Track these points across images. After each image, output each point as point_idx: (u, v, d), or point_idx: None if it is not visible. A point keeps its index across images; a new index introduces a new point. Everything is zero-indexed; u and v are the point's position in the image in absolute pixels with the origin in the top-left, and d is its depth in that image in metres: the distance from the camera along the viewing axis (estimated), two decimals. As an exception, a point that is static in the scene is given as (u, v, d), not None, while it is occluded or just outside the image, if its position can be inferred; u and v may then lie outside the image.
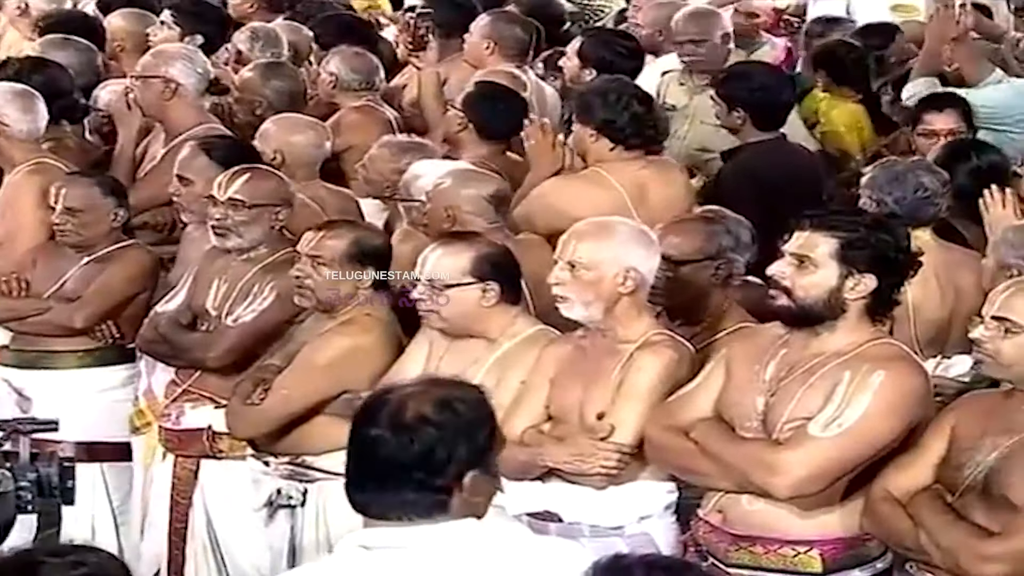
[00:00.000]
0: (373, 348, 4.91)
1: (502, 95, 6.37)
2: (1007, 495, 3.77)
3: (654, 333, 4.41)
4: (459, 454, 2.90)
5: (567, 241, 4.46)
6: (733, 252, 4.81)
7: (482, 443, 2.92)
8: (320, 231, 5.03)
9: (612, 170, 5.77)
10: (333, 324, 4.97)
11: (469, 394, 2.97)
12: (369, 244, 4.99)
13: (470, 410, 2.93)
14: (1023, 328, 3.83)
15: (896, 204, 5.20)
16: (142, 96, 6.30)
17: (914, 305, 5.04)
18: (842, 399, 3.98)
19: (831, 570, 4.08)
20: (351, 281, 4.94)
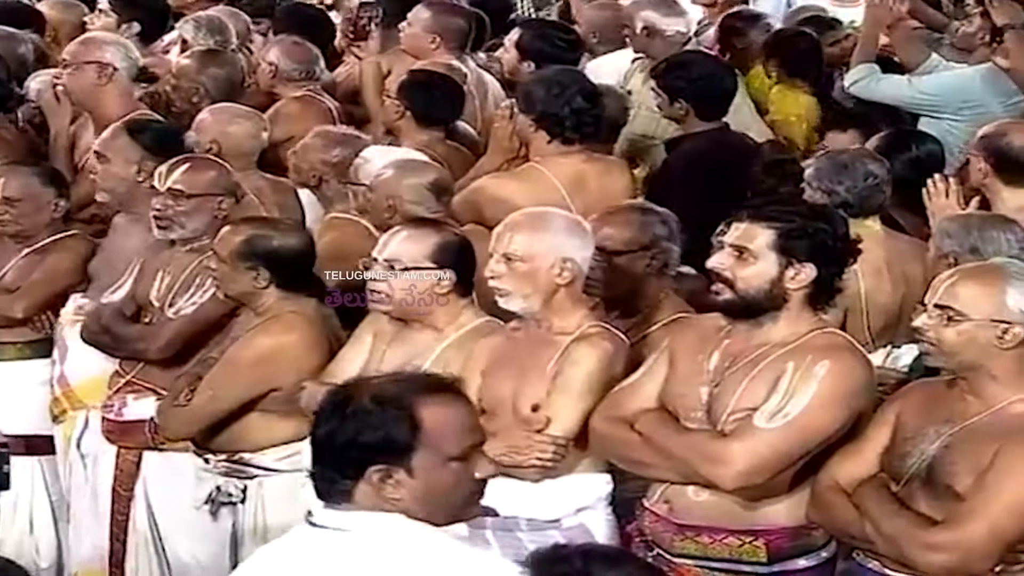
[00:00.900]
0: (298, 346, 4.89)
1: (438, 81, 6.38)
2: (950, 484, 3.77)
3: (590, 325, 4.40)
4: (359, 446, 2.93)
5: (502, 233, 4.45)
6: (667, 242, 4.82)
7: (389, 440, 2.92)
8: (226, 226, 5.04)
9: (549, 165, 5.75)
10: (259, 322, 4.95)
11: (392, 390, 2.96)
12: (263, 244, 4.92)
13: (383, 404, 2.94)
14: (965, 316, 3.84)
15: (847, 193, 5.23)
16: (75, 84, 6.24)
17: (866, 295, 5.10)
18: (786, 390, 3.99)
19: (776, 559, 4.09)
20: (247, 278, 4.92)
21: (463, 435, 2.97)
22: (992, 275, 3.91)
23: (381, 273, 4.66)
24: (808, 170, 5.34)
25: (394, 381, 3.01)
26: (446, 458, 2.95)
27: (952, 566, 3.75)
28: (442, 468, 2.94)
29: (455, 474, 2.95)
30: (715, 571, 4.12)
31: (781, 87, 7.53)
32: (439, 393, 2.98)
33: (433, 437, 2.93)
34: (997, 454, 3.73)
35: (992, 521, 3.71)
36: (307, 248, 5.03)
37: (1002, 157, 5.43)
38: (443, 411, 2.96)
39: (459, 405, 3.01)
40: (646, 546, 4.21)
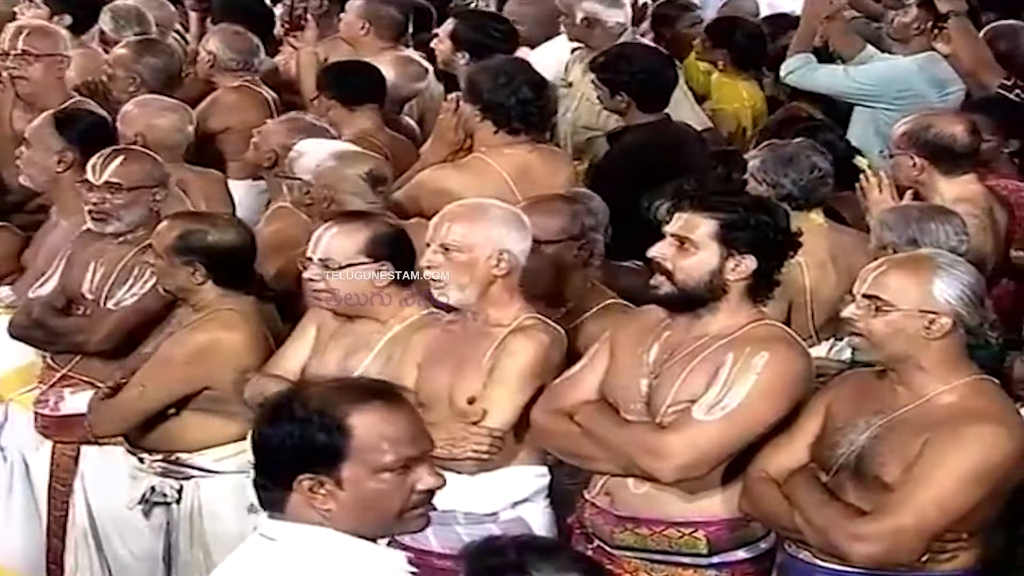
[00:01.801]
0: (234, 344, 4.87)
1: (352, 65, 6.43)
2: (879, 475, 3.80)
3: (526, 317, 4.40)
4: (288, 453, 2.88)
5: (439, 224, 4.45)
6: (595, 232, 4.84)
7: (316, 448, 2.86)
8: (163, 220, 5.02)
9: (495, 156, 5.76)
10: (196, 318, 4.94)
11: (326, 397, 2.89)
12: (199, 239, 4.91)
13: (313, 412, 2.87)
14: (893, 306, 3.86)
15: (793, 186, 5.27)
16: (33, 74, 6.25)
17: (811, 288, 5.13)
18: (725, 382, 4.01)
19: (716, 551, 4.11)
20: (184, 274, 4.92)
21: (398, 446, 2.88)
22: (920, 265, 3.94)
23: (317, 272, 4.65)
24: (752, 162, 5.37)
25: (333, 388, 2.94)
26: (378, 469, 2.87)
27: (879, 556, 3.78)
28: (373, 479, 2.87)
29: (389, 486, 2.87)
30: (655, 563, 4.14)
31: (723, 76, 7.57)
32: (377, 401, 2.89)
33: (363, 448, 2.85)
34: (925, 445, 3.76)
35: (919, 512, 3.74)
36: (245, 244, 5.00)
37: (935, 148, 5.46)
38: (377, 421, 2.88)
39: (398, 415, 2.91)
40: (586, 538, 4.24)
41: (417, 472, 2.90)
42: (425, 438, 2.94)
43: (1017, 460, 3.81)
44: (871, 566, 3.81)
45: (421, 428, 2.96)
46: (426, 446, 2.94)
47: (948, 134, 5.46)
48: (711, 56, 7.68)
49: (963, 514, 3.77)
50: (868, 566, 3.81)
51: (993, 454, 3.76)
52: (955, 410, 3.81)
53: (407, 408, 2.96)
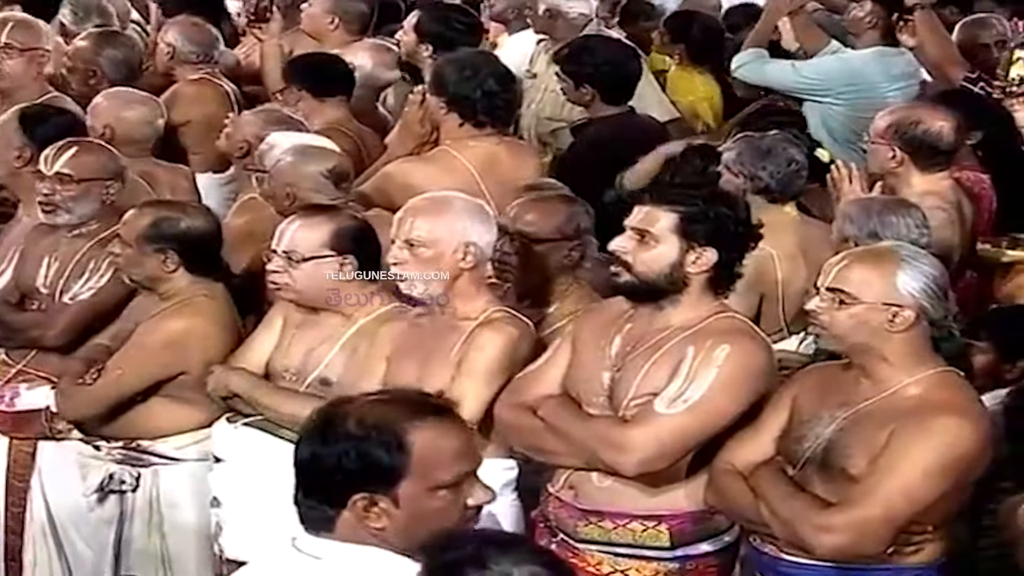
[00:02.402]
0: (208, 330, 4.88)
1: (320, 57, 6.41)
2: (845, 467, 3.81)
3: (495, 310, 4.41)
4: (343, 473, 2.82)
5: (403, 219, 4.45)
6: (589, 235, 4.83)
7: (375, 467, 2.80)
8: (132, 209, 5.00)
9: (460, 148, 5.75)
10: (167, 305, 4.93)
11: (379, 412, 2.84)
12: (171, 226, 4.91)
13: (369, 429, 2.81)
14: (856, 299, 3.85)
15: (770, 178, 5.27)
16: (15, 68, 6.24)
17: (783, 281, 5.13)
18: (687, 375, 4.02)
19: (679, 544, 4.12)
20: (154, 262, 4.91)
21: (455, 462, 2.83)
22: (883, 258, 3.94)
23: (280, 264, 4.65)
24: (728, 154, 5.37)
25: (383, 402, 2.88)
26: (435, 486, 2.82)
27: (846, 548, 3.78)
28: (430, 497, 2.82)
29: (444, 503, 2.83)
30: (619, 556, 4.14)
31: (680, 70, 7.57)
32: (430, 416, 2.84)
33: (422, 464, 2.80)
34: (891, 437, 3.76)
35: (886, 504, 3.74)
36: (214, 231, 5.01)
37: (919, 145, 5.45)
38: (434, 436, 2.83)
39: (452, 429, 2.86)
40: (550, 532, 4.24)
41: (468, 487, 2.86)
42: (475, 452, 2.90)
43: (981, 452, 3.82)
44: (837, 558, 3.81)
45: (472, 442, 2.92)
46: (477, 460, 2.89)
47: (935, 131, 5.46)
48: (669, 50, 7.72)
49: (929, 505, 3.78)
50: (834, 558, 3.81)
51: (958, 446, 3.77)
52: (920, 402, 3.81)
53: (459, 422, 2.92)
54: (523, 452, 4.35)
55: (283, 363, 4.73)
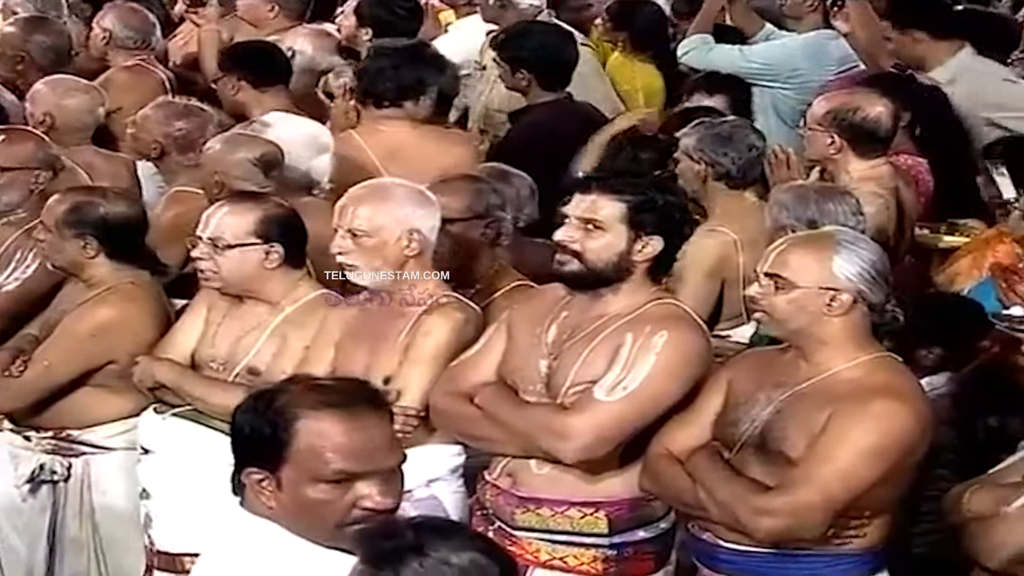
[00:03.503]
0: (137, 317, 4.84)
1: (259, 45, 6.34)
2: (782, 449, 3.80)
3: (441, 295, 4.41)
4: (238, 443, 2.84)
5: (345, 208, 4.44)
6: (501, 211, 4.82)
7: (259, 446, 2.79)
8: (54, 195, 4.95)
9: (367, 134, 5.71)
10: (93, 293, 4.88)
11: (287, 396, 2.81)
12: (90, 211, 4.85)
13: (266, 408, 2.81)
14: (794, 284, 3.85)
15: (732, 164, 5.26)
16: None
17: (744, 266, 5.09)
18: (626, 361, 4.01)
19: (617, 531, 4.10)
20: (75, 247, 4.85)
21: (339, 459, 2.75)
22: (821, 243, 3.94)
23: (205, 251, 4.63)
24: (687, 140, 5.34)
25: (307, 387, 2.83)
26: (314, 477, 2.77)
27: (784, 531, 3.77)
28: (310, 487, 2.77)
29: (326, 496, 2.76)
30: (556, 544, 4.12)
31: (621, 57, 7.52)
32: (335, 409, 2.77)
33: (303, 453, 2.76)
34: (830, 420, 3.75)
35: (824, 487, 3.73)
36: (138, 217, 4.96)
37: (858, 131, 5.45)
38: (325, 429, 2.76)
39: (353, 426, 2.76)
40: (486, 520, 4.23)
41: (360, 488, 2.77)
42: (382, 456, 2.79)
43: (920, 436, 3.82)
44: (775, 541, 3.81)
45: (379, 445, 2.80)
46: (379, 464, 2.78)
47: (874, 118, 5.46)
48: (612, 37, 7.65)
49: (866, 489, 3.77)
50: (772, 541, 3.81)
51: (896, 429, 3.76)
52: (859, 385, 3.81)
53: (370, 421, 2.80)
54: (460, 440, 4.33)
55: (209, 353, 4.70)
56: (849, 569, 3.84)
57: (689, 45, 7.07)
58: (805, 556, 3.81)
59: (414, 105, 5.77)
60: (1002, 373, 4.52)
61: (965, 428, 4.48)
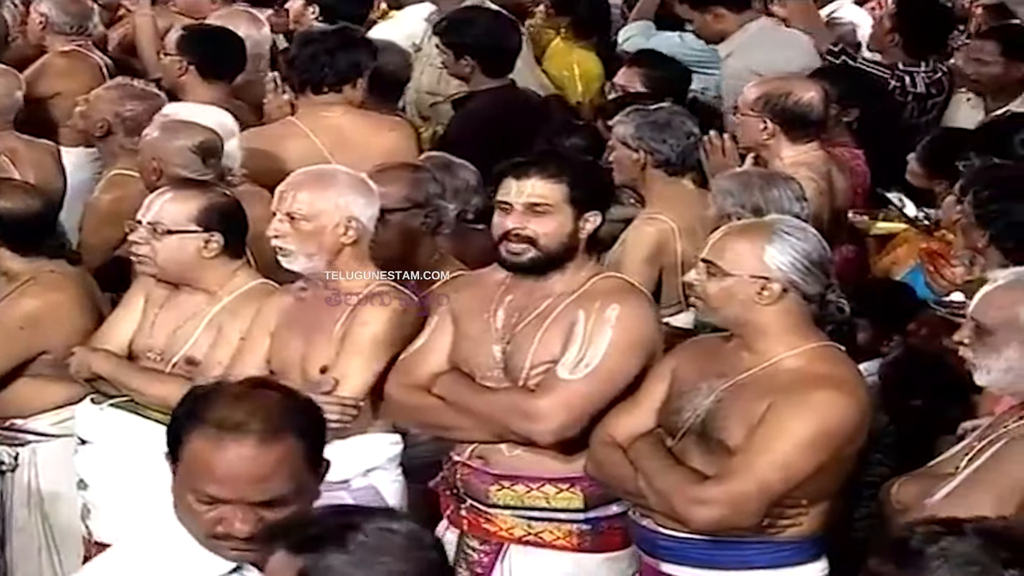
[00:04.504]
0: (65, 306, 4.80)
1: (219, 34, 6.22)
2: (723, 438, 3.77)
3: (378, 284, 4.35)
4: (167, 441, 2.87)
5: (284, 192, 4.38)
6: (441, 199, 4.78)
7: (169, 440, 2.81)
8: None
9: (306, 119, 5.65)
10: (15, 286, 4.81)
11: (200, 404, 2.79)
12: None
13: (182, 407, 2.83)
14: (726, 272, 3.82)
15: (672, 151, 5.23)
16: None
17: (682, 253, 5.07)
18: (583, 338, 4.01)
19: (592, 506, 4.10)
20: None
21: (209, 482, 2.72)
22: (756, 232, 3.90)
23: (144, 236, 4.56)
24: (623, 129, 5.29)
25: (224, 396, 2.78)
26: (189, 487, 2.76)
27: (720, 521, 3.74)
28: (186, 494, 2.77)
29: (195, 507, 2.75)
30: (532, 520, 4.11)
31: (561, 43, 7.47)
32: (223, 432, 2.71)
33: (186, 463, 2.77)
34: (769, 409, 3.72)
35: (760, 477, 3.70)
36: (38, 209, 4.87)
37: (789, 115, 5.44)
38: (204, 447, 2.72)
39: (230, 451, 2.70)
40: (456, 499, 4.19)
41: (224, 511, 2.73)
42: (251, 489, 2.70)
43: (858, 427, 3.79)
44: (712, 530, 3.78)
45: (250, 477, 2.71)
46: (244, 495, 2.71)
47: (805, 102, 5.44)
48: (554, 23, 7.60)
49: (804, 479, 3.73)
50: (709, 530, 3.78)
51: (835, 420, 3.73)
52: (799, 375, 3.78)
53: (251, 453, 2.71)
54: (421, 431, 4.30)
55: (147, 343, 4.65)
56: (787, 557, 3.82)
57: (630, 31, 7.05)
58: (743, 544, 3.78)
59: (352, 89, 5.71)
60: (929, 357, 4.51)
61: (897, 413, 4.49)
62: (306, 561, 2.31)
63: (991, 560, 2.35)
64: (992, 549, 2.36)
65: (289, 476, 2.69)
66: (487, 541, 4.11)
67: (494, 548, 4.11)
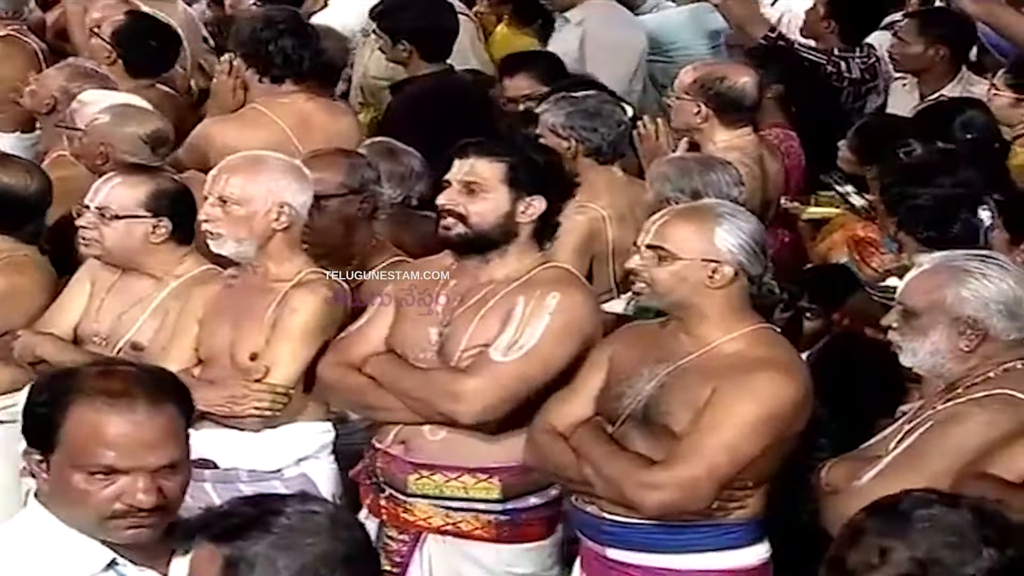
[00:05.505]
0: (28, 287, 4.77)
1: (154, 31, 6.14)
2: (667, 423, 3.74)
3: (308, 271, 4.30)
4: (24, 421, 2.78)
5: (217, 176, 4.32)
6: (376, 185, 4.73)
7: (34, 426, 2.74)
8: None
9: (271, 106, 5.59)
10: None
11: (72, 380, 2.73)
12: None
13: (47, 390, 2.74)
14: (676, 256, 3.80)
15: (603, 140, 5.17)
16: None
17: (613, 241, 5.05)
18: (519, 322, 3.96)
19: (510, 497, 4.05)
20: None
21: (103, 451, 2.64)
22: (702, 215, 3.88)
23: (92, 220, 4.53)
24: (552, 117, 5.21)
25: (96, 373, 2.73)
26: (76, 465, 2.67)
27: (671, 505, 3.72)
28: (72, 473, 2.68)
29: (85, 486, 2.67)
30: (450, 510, 4.05)
31: (505, 30, 7.46)
32: (111, 399, 2.66)
33: (69, 440, 2.67)
34: (713, 393, 3.71)
35: (710, 460, 3.69)
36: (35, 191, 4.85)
37: (723, 99, 5.45)
38: (93, 419, 2.65)
39: (124, 419, 2.65)
40: (376, 488, 4.13)
41: (124, 483, 2.66)
42: (150, 453, 2.66)
43: (801, 407, 3.78)
44: (663, 515, 3.75)
45: (148, 441, 2.66)
46: (143, 461, 2.65)
47: (739, 87, 5.45)
48: (496, 11, 7.57)
49: (751, 461, 3.72)
50: (659, 515, 3.75)
51: (779, 401, 3.72)
52: (741, 358, 3.76)
53: (143, 416, 2.67)
54: (351, 411, 4.27)
55: (92, 327, 4.61)
56: (731, 539, 3.80)
57: None
58: (688, 528, 3.77)
59: (311, 77, 5.69)
60: (855, 345, 4.51)
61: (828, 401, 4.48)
62: (231, 550, 2.27)
63: (975, 536, 2.36)
64: (980, 526, 2.37)
65: (178, 442, 2.67)
66: (405, 531, 4.06)
67: (412, 538, 4.07)
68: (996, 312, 3.67)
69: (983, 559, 2.35)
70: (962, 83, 6.32)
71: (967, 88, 6.24)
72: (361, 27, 6.94)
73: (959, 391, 3.70)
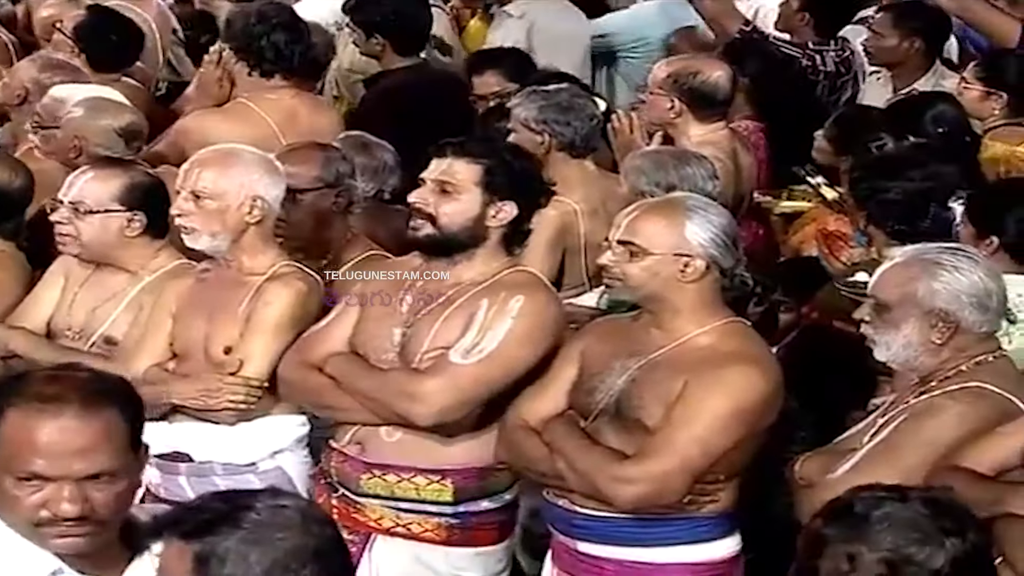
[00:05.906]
0: (7, 283, 4.72)
1: (116, 26, 6.11)
2: (639, 417, 3.72)
3: (282, 265, 4.27)
4: None
5: (189, 170, 4.29)
6: (351, 179, 4.70)
7: None
8: None
9: (258, 101, 5.57)
10: None
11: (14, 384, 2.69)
12: None
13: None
14: (647, 251, 3.78)
15: (576, 134, 5.15)
16: None
17: (585, 235, 5.03)
18: (481, 325, 3.92)
19: (461, 500, 4.01)
20: None
21: (30, 457, 2.58)
22: (672, 209, 3.86)
23: (66, 215, 4.49)
24: (524, 112, 5.19)
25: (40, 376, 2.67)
26: (6, 470, 2.60)
27: (645, 499, 3.71)
28: (3, 478, 2.61)
29: (15, 490, 2.60)
30: (401, 511, 4.01)
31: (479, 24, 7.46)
32: (42, 405, 2.59)
33: (3, 445, 2.60)
34: (686, 387, 3.70)
35: (683, 453, 3.67)
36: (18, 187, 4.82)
37: (697, 94, 5.44)
38: (23, 423, 2.59)
39: (54, 426, 2.58)
40: (330, 488, 4.10)
41: (49, 491, 2.59)
42: (75, 462, 2.58)
43: (773, 400, 3.77)
44: (636, 508, 3.74)
45: (74, 449, 2.59)
46: (68, 470, 2.58)
47: (712, 82, 5.44)
48: (471, 5, 7.55)
49: (724, 454, 3.71)
50: (632, 509, 3.74)
51: (751, 394, 3.71)
52: (713, 352, 3.75)
53: (73, 424, 2.59)
54: (311, 411, 4.22)
55: (66, 321, 4.57)
56: (703, 532, 3.80)
57: None
58: (659, 521, 3.77)
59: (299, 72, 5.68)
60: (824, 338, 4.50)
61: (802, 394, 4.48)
62: (202, 546, 2.24)
63: (934, 528, 2.38)
64: (935, 517, 2.38)
65: (113, 451, 2.58)
66: (355, 531, 4.00)
67: (362, 539, 4.01)
68: (968, 304, 3.68)
69: (947, 550, 2.37)
70: (935, 77, 6.33)
71: (939, 82, 6.24)
72: (335, 20, 6.93)
73: (932, 384, 3.70)
